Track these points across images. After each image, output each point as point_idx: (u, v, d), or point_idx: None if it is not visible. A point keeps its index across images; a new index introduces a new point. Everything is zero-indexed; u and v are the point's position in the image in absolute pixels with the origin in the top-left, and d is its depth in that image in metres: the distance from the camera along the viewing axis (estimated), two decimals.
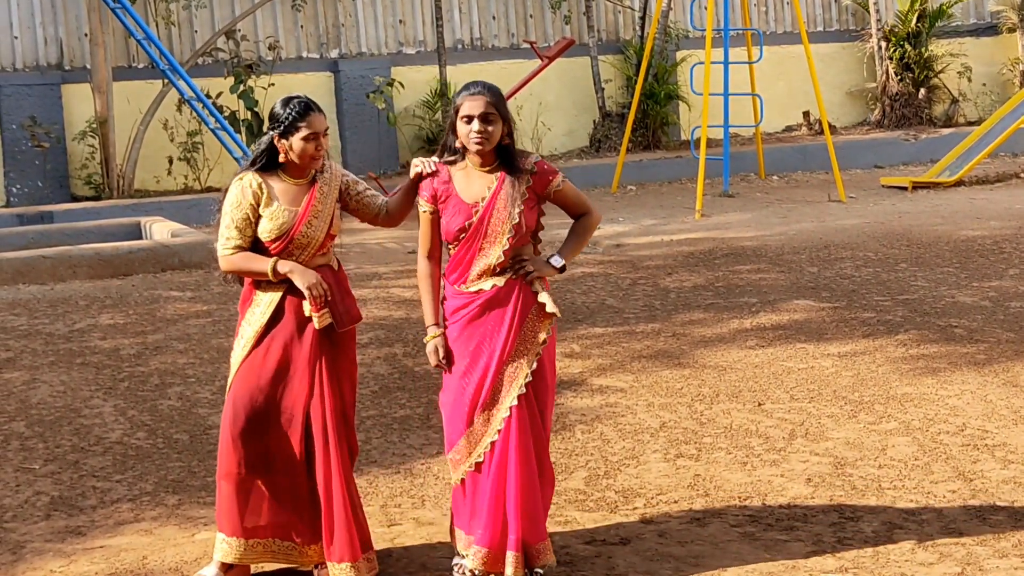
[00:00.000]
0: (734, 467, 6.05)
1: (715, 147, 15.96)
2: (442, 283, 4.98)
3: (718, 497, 5.67)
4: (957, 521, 5.28)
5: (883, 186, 15.39)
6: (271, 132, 4.91)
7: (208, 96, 14.36)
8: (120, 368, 8.11)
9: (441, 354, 4.87)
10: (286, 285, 4.91)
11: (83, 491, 6.07)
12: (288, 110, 4.87)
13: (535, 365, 4.82)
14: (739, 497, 5.66)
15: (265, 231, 4.90)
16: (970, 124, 18.67)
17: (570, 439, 6.56)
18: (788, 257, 10.95)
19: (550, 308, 4.82)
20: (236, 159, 13.87)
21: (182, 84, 13.65)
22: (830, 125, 16.00)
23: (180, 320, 9.27)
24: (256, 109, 15.18)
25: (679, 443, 6.43)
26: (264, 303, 4.93)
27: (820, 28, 19.27)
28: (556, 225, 5.55)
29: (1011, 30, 19.75)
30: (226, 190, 4.97)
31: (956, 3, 19.31)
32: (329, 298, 4.90)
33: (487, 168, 4.86)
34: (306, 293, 4.86)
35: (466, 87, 4.87)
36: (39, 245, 11.96)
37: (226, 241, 4.90)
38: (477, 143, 4.77)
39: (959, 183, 15.19)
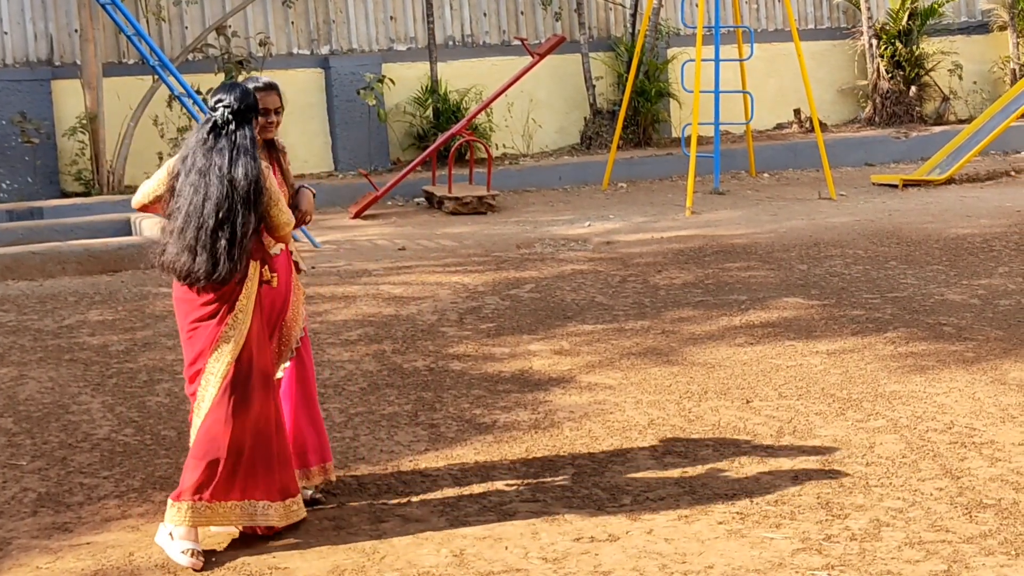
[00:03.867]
0: (722, 464, 6.05)
1: (706, 144, 15.97)
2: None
3: (705, 494, 5.67)
4: (944, 518, 5.29)
5: (874, 184, 15.40)
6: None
7: (198, 92, 14.31)
8: (108, 364, 8.10)
9: None
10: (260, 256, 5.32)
11: (70, 487, 6.06)
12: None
13: (306, 322, 5.68)
14: (726, 494, 5.66)
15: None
16: (961, 122, 18.69)
17: (558, 436, 6.56)
18: (778, 255, 10.96)
19: (303, 266, 5.78)
20: None
21: (172, 80, 13.61)
22: (821, 123, 16.01)
23: (169, 316, 9.25)
24: None
25: (667, 440, 6.43)
26: (250, 276, 5.28)
27: (811, 26, 19.28)
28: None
29: (1002, 28, 19.77)
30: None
31: (947, 1, 19.32)
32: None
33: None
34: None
35: (256, 86, 5.57)
36: (28, 241, 11.95)
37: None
38: (276, 130, 5.67)
39: (949, 181, 15.21)
